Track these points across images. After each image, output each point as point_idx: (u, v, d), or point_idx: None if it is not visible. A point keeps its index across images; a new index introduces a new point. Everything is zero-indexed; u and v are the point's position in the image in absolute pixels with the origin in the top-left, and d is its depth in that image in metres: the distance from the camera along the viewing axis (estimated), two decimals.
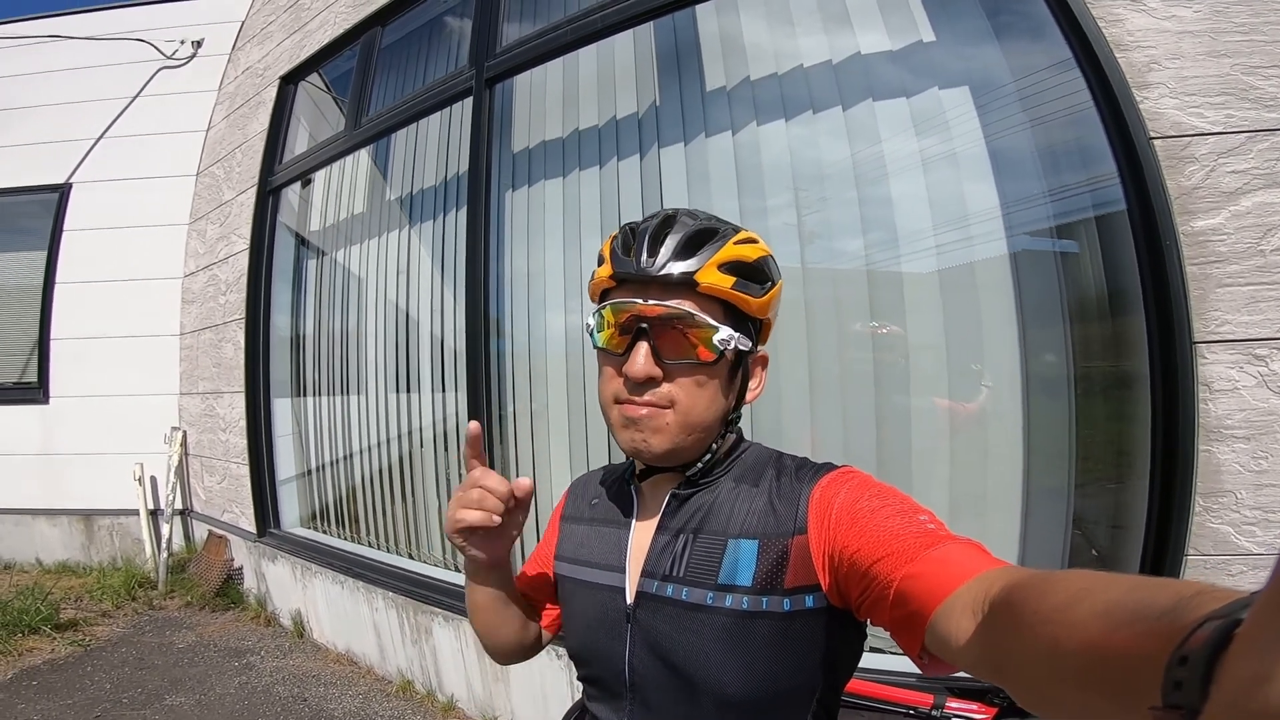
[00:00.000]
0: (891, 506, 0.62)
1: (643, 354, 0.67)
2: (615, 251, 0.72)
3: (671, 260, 0.67)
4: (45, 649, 3.36)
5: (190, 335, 4.61)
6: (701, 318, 0.67)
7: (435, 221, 3.08)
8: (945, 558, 0.54)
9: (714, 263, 0.67)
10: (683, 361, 0.68)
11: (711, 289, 0.67)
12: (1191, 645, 0.25)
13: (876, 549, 0.58)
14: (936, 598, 0.51)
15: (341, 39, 3.61)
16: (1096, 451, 1.73)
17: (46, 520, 4.76)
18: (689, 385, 0.68)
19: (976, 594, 0.47)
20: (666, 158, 2.32)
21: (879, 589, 0.57)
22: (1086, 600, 0.34)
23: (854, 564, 0.60)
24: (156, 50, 4.89)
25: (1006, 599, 0.43)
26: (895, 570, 0.55)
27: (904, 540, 0.57)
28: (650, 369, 0.67)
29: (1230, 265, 1.44)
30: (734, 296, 0.68)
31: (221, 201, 4.39)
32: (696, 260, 0.67)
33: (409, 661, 2.87)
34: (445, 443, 2.96)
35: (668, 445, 0.69)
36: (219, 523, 4.27)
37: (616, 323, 0.70)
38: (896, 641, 0.57)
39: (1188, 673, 0.25)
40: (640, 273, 0.68)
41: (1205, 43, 1.49)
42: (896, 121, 1.96)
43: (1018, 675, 0.40)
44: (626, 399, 0.69)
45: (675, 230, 0.69)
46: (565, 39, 2.49)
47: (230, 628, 3.68)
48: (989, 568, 0.51)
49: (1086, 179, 1.72)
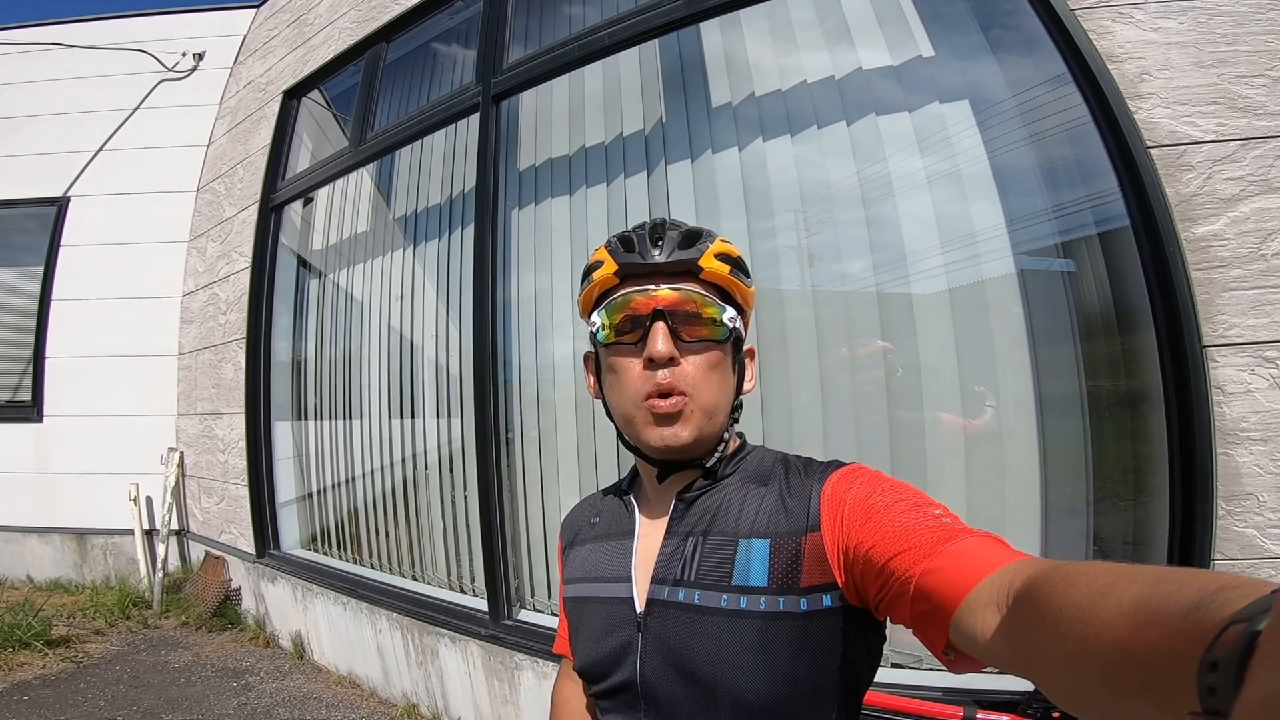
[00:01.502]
0: (905, 501, 0.61)
1: (661, 333, 0.70)
2: (615, 251, 0.75)
3: (676, 250, 0.72)
4: (37, 664, 3.30)
5: (189, 355, 4.57)
6: (710, 297, 0.72)
7: (440, 241, 3.08)
8: (965, 551, 0.53)
9: (711, 252, 0.73)
10: (696, 341, 0.71)
11: (714, 274, 0.73)
12: (1220, 650, 0.25)
13: (893, 545, 0.57)
14: (959, 593, 0.50)
15: (346, 54, 3.62)
16: (1113, 466, 1.72)
17: (38, 538, 4.71)
18: (703, 367, 0.71)
19: (1000, 587, 0.46)
20: (674, 175, 2.34)
21: (898, 585, 0.56)
22: (1110, 596, 0.34)
23: (870, 560, 0.59)
24: (158, 62, 4.89)
25: (1028, 594, 0.42)
26: (914, 566, 0.55)
27: (921, 535, 0.56)
28: (671, 348, 0.69)
29: (1234, 270, 1.46)
30: (732, 282, 0.74)
31: (222, 218, 4.38)
32: (696, 250, 0.73)
33: (414, 684, 2.83)
34: (450, 465, 2.94)
35: (695, 433, 0.70)
36: (216, 543, 4.22)
37: (627, 314, 0.73)
38: (919, 638, 0.56)
39: (1219, 679, 0.25)
40: (651, 263, 0.72)
41: (1192, 53, 1.53)
42: (899, 138, 1.98)
43: (1048, 674, 0.40)
44: (653, 393, 0.70)
45: (670, 229, 0.74)
46: (571, 56, 2.51)
47: (228, 648, 3.62)
48: (1010, 560, 0.50)
49: (1087, 194, 1.74)
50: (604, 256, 0.76)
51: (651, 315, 0.71)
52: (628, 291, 0.73)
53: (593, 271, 0.76)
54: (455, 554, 2.89)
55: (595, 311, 0.76)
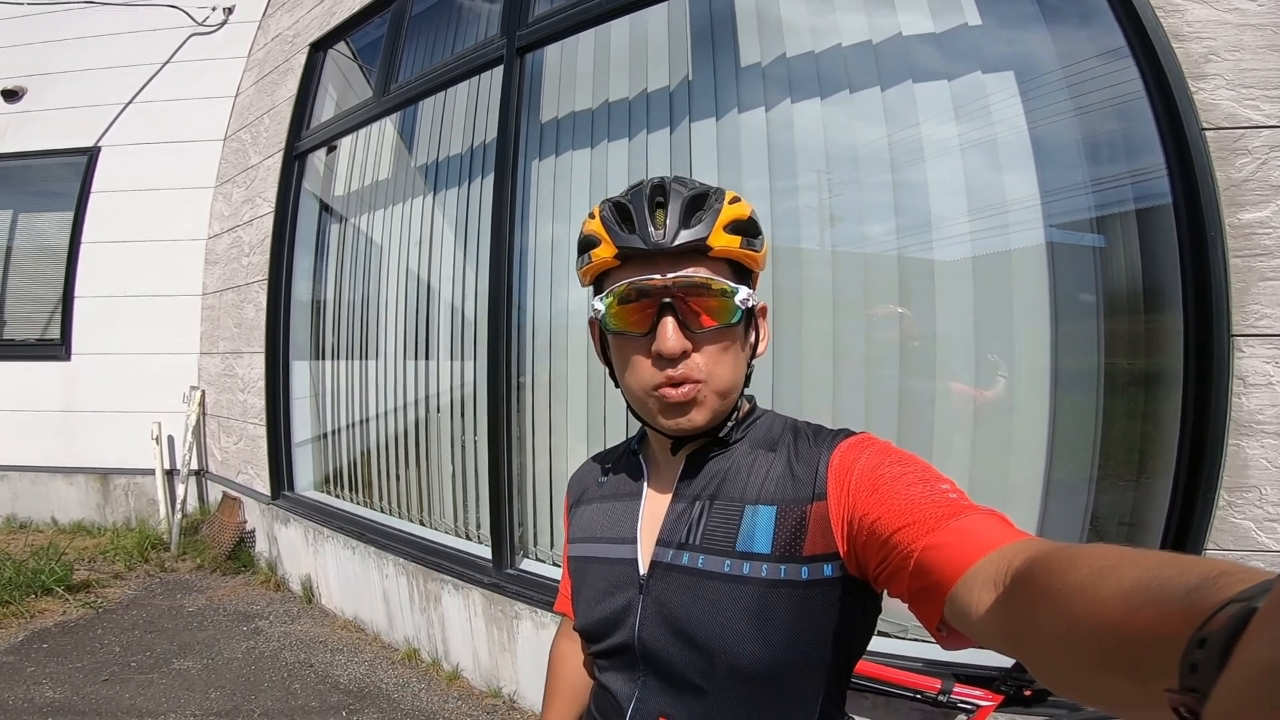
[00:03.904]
0: (913, 474, 0.60)
1: (671, 328, 0.66)
2: (612, 228, 0.69)
3: (680, 229, 0.66)
4: (57, 610, 3.41)
5: (213, 295, 4.65)
6: (720, 282, 0.67)
7: (460, 190, 3.08)
8: (967, 528, 0.52)
9: (720, 225, 0.67)
10: (708, 330, 0.67)
11: (724, 251, 0.67)
12: (1211, 628, 0.24)
13: (897, 518, 0.56)
14: (958, 569, 0.50)
15: (372, 6, 3.60)
16: (1119, 447, 1.70)
17: (64, 479, 4.84)
18: (715, 353, 0.68)
19: (999, 566, 0.46)
20: (697, 133, 2.29)
21: (899, 559, 0.55)
22: (1111, 577, 0.33)
23: (874, 532, 0.58)
24: (188, 17, 4.92)
25: (1029, 572, 0.42)
26: (916, 540, 0.54)
27: (925, 509, 0.55)
28: (682, 342, 0.66)
29: (1275, 259, 1.42)
30: (744, 255, 0.69)
31: (248, 166, 4.41)
32: (704, 225, 0.66)
33: (416, 630, 2.90)
34: (461, 410, 2.97)
35: (710, 417, 0.69)
36: (234, 484, 4.33)
37: (632, 305, 0.68)
38: (914, 613, 0.55)
39: (1205, 655, 0.24)
40: (654, 245, 0.66)
41: (1267, 36, 1.46)
42: (935, 105, 1.92)
43: (1038, 651, 0.39)
44: (664, 384, 0.67)
45: (672, 199, 0.67)
46: (599, 10, 2.46)
47: (240, 592, 3.73)
48: (1012, 539, 0.50)
49: (1129, 170, 1.68)
50: (600, 233, 0.69)
51: (659, 309, 0.67)
52: (631, 280, 0.68)
53: (589, 249, 0.71)
54: (463, 500, 2.94)
55: (598, 296, 0.71)
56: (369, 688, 2.67)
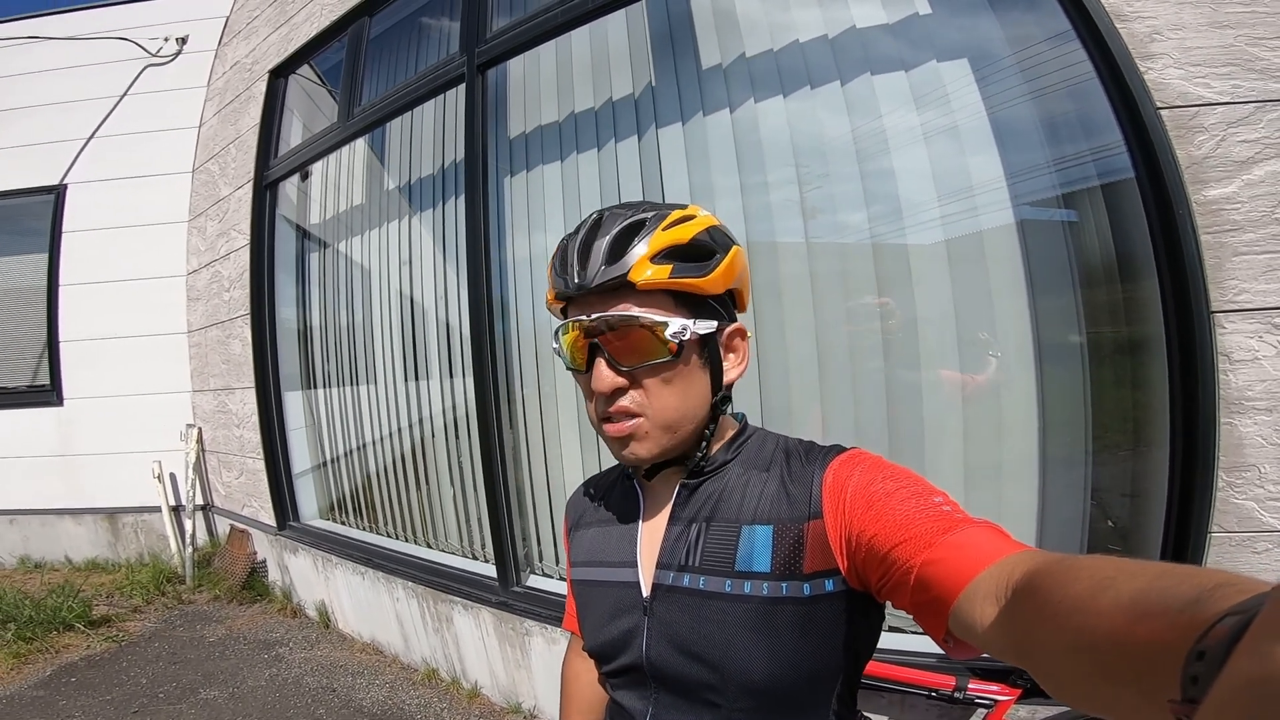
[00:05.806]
0: (906, 489, 0.61)
1: (602, 366, 0.68)
2: (554, 270, 0.71)
3: (603, 266, 0.66)
4: (81, 645, 3.45)
5: (198, 333, 4.63)
6: (646, 317, 0.65)
7: (435, 209, 3.07)
8: (964, 542, 0.53)
9: (645, 256, 0.65)
10: (642, 365, 0.67)
11: (651, 284, 0.65)
12: (1210, 641, 0.25)
13: (894, 534, 0.57)
14: (959, 584, 0.51)
15: (329, 30, 3.55)
16: (1113, 419, 1.71)
17: (72, 519, 4.85)
18: (655, 386, 0.68)
19: (999, 579, 0.47)
20: (665, 137, 2.29)
21: (899, 575, 0.56)
22: (1110, 590, 0.34)
23: (871, 549, 0.59)
24: (141, 48, 4.84)
25: (1029, 586, 0.43)
26: (914, 556, 0.55)
27: (921, 525, 0.57)
28: (614, 380, 0.67)
29: (1245, 234, 1.42)
30: (676, 284, 0.66)
31: (219, 198, 4.37)
32: (627, 259, 0.65)
33: (432, 650, 2.93)
34: (456, 429, 2.98)
35: (655, 450, 0.70)
36: (240, 517, 4.35)
37: (574, 342, 0.70)
38: (921, 625, 0.57)
39: (1204, 668, 0.25)
40: (575, 288, 0.67)
41: (1207, 13, 1.46)
42: (895, 95, 1.93)
43: (1043, 664, 0.40)
44: (605, 419, 0.69)
45: (601, 234, 0.67)
46: (556, 21, 2.43)
47: (259, 620, 3.76)
48: (1009, 551, 0.51)
49: (1090, 148, 1.69)
50: (549, 275, 0.72)
51: (590, 348, 0.68)
52: (567, 322, 0.70)
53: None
54: (465, 520, 2.96)
55: (554, 334, 0.73)
56: (392, 710, 2.71)
